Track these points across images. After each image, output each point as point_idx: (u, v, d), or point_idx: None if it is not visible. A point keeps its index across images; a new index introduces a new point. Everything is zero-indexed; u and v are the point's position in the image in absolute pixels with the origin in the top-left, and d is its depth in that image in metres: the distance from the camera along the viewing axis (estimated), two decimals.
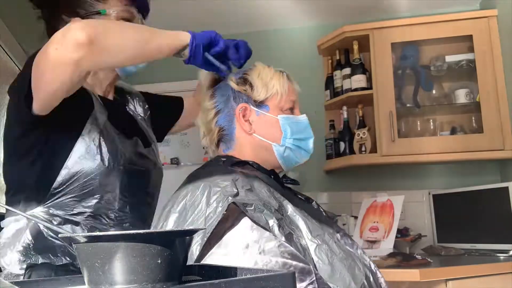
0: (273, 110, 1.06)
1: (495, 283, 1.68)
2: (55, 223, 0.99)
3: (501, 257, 1.86)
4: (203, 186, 0.92)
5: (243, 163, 1.02)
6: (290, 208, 0.94)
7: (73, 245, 0.53)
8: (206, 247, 0.83)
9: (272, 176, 1.05)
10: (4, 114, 1.06)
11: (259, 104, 1.06)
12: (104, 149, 1.02)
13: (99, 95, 1.12)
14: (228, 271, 0.61)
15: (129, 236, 0.51)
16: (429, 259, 1.75)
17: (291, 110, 1.08)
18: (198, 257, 0.82)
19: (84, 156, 1.00)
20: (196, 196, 0.92)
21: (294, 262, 0.80)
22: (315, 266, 0.85)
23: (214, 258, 0.83)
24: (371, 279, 0.92)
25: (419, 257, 1.77)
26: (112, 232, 0.51)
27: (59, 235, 0.54)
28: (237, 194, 0.87)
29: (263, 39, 2.74)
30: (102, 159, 1.01)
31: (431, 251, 2.08)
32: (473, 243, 2.11)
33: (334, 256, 0.88)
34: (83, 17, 1.05)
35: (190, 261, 0.82)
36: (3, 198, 1.08)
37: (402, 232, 2.24)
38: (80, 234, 0.52)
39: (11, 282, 0.53)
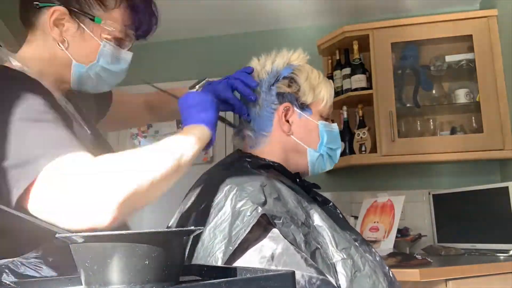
0: (314, 115, 1.04)
1: (495, 283, 1.68)
2: None
3: (501, 257, 1.85)
4: (229, 188, 0.89)
5: (268, 166, 1.00)
6: (316, 218, 0.91)
7: (70, 246, 0.53)
8: (231, 256, 0.81)
9: (298, 180, 1.02)
10: None
11: (304, 107, 1.04)
12: None
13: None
14: (228, 271, 0.61)
15: (115, 237, 0.51)
16: (429, 259, 1.75)
17: (327, 118, 1.07)
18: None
19: None
20: (220, 198, 0.89)
21: (321, 277, 0.78)
22: (338, 281, 0.83)
23: None
24: None
25: (419, 257, 1.76)
26: (98, 233, 0.51)
27: (56, 235, 0.54)
28: (265, 203, 0.84)
29: (263, 39, 2.74)
30: None
31: (431, 251, 2.07)
32: (473, 243, 2.10)
33: (358, 272, 0.85)
34: (69, 12, 0.87)
35: None
36: None
37: (402, 232, 2.24)
38: (78, 234, 0.51)
39: (11, 282, 0.53)
